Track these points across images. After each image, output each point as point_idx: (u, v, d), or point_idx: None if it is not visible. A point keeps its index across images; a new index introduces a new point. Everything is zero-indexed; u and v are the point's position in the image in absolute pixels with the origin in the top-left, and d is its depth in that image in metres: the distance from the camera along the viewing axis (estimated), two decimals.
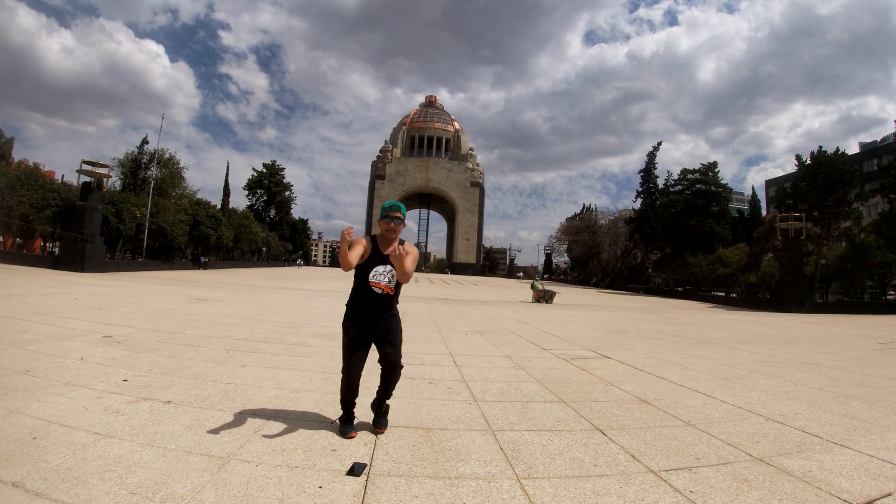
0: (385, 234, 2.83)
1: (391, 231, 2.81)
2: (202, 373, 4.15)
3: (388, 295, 2.82)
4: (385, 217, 2.82)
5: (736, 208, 59.72)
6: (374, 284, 2.78)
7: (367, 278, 2.78)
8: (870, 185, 36.69)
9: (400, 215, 2.82)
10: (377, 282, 2.78)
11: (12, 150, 38.05)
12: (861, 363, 6.81)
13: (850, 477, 2.44)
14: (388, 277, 2.80)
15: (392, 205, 2.84)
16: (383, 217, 2.82)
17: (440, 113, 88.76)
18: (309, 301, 13.88)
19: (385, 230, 2.82)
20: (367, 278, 2.78)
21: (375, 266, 2.79)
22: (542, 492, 2.16)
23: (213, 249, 40.75)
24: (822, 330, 13.30)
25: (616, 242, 59.36)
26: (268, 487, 2.06)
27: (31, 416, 2.78)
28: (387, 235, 2.82)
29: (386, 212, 2.83)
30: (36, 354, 4.41)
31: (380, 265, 2.79)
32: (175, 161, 39.70)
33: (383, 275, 2.79)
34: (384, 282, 2.79)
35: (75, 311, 7.70)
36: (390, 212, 2.81)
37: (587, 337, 8.74)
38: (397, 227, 2.82)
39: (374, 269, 2.78)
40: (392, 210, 2.82)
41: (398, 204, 2.86)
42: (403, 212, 2.85)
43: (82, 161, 23.52)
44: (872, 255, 26.65)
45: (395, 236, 2.82)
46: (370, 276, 2.78)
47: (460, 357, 5.79)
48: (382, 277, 2.79)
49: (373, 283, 2.78)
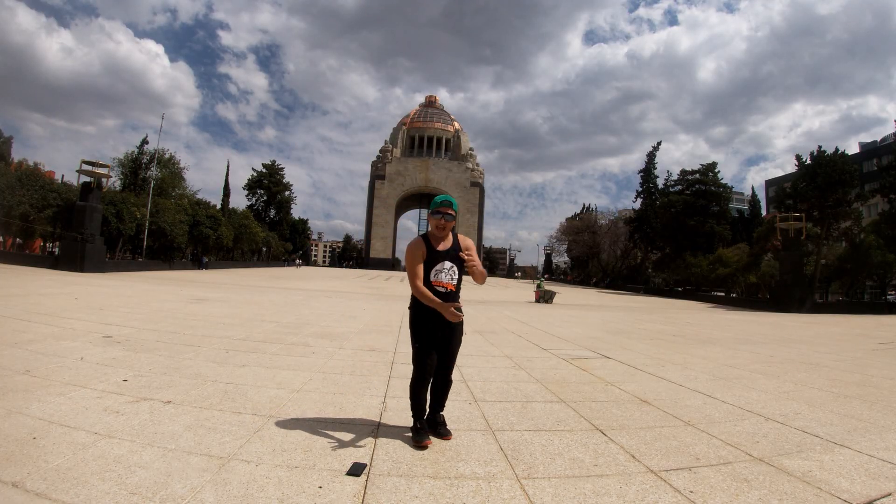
0: (435, 230, 2.74)
1: (442, 227, 2.72)
2: (202, 373, 4.15)
3: (451, 292, 2.74)
4: (436, 213, 2.72)
5: (736, 208, 59.72)
6: (436, 284, 2.72)
7: (428, 279, 2.72)
8: (870, 185, 36.70)
9: (451, 211, 2.72)
10: (439, 280, 2.72)
11: (11, 150, 38.06)
12: (861, 363, 6.81)
13: (850, 477, 2.44)
14: (448, 275, 2.74)
15: (443, 199, 2.73)
16: (434, 213, 2.72)
17: (440, 113, 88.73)
18: (309, 301, 13.88)
19: (435, 226, 2.73)
20: (428, 279, 2.72)
21: (435, 265, 2.72)
22: (542, 492, 2.16)
23: (213, 249, 40.75)
24: (822, 330, 13.30)
25: (616, 242, 59.40)
26: (268, 487, 2.06)
27: (31, 416, 2.78)
28: (437, 233, 2.74)
29: (437, 207, 2.72)
30: (36, 354, 4.41)
31: (438, 263, 2.73)
32: (175, 161, 39.76)
33: (444, 272, 2.73)
34: (446, 280, 2.73)
35: (75, 311, 7.70)
36: (441, 207, 2.71)
37: (587, 337, 8.74)
38: (448, 222, 2.72)
39: (433, 269, 2.72)
40: (443, 205, 2.71)
41: (450, 199, 2.75)
42: (455, 206, 2.75)
43: (82, 161, 23.56)
44: (872, 255, 26.66)
45: (446, 233, 2.75)
46: (431, 276, 2.72)
47: (460, 357, 5.75)
48: (444, 276, 2.73)
49: (435, 282, 2.72)
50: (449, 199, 2.74)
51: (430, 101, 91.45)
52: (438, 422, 2.90)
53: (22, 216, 24.62)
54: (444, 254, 2.73)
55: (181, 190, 41.01)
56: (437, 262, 2.72)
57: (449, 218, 2.71)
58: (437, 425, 2.88)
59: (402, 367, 4.95)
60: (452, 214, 2.72)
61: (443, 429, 2.88)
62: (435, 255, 2.72)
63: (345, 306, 12.69)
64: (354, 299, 15.95)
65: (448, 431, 2.88)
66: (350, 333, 7.39)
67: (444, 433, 2.85)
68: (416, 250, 2.72)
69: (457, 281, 2.77)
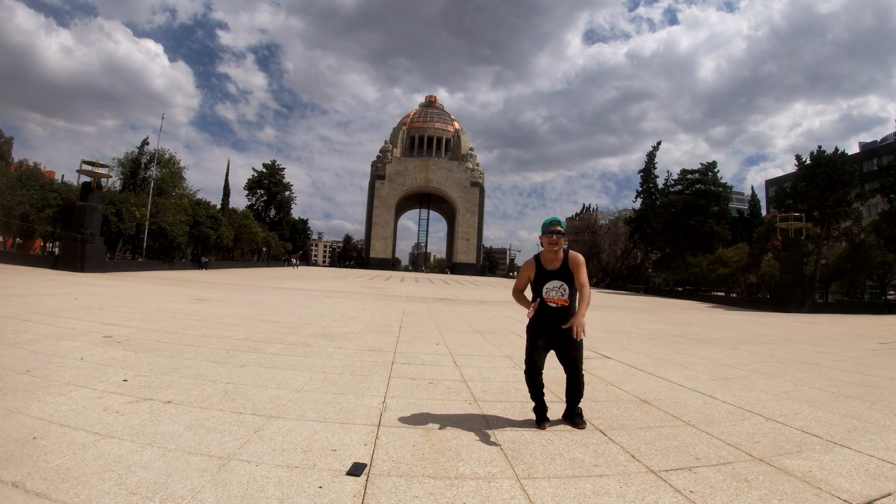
0: (548, 249, 3.06)
1: (554, 244, 3.03)
2: (202, 373, 4.15)
3: (563, 307, 3.04)
4: (547, 232, 3.03)
5: (736, 208, 59.69)
6: (548, 300, 3.04)
7: (541, 296, 3.04)
8: (870, 185, 36.70)
9: (561, 229, 3.05)
10: (551, 297, 3.03)
11: (12, 150, 38.07)
12: (861, 363, 6.81)
13: (850, 477, 2.44)
14: (559, 293, 3.03)
15: (553, 220, 3.06)
16: (545, 233, 3.04)
17: (440, 113, 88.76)
18: (309, 301, 13.88)
19: (548, 245, 3.05)
20: (541, 296, 3.04)
21: (545, 283, 3.03)
22: (542, 492, 2.16)
23: (213, 249, 40.73)
24: (822, 330, 13.30)
25: (616, 242, 59.43)
26: (268, 487, 2.06)
27: (31, 416, 2.78)
28: (550, 250, 3.05)
29: (548, 227, 3.04)
30: (36, 354, 4.41)
31: (549, 282, 3.03)
32: (175, 161, 39.78)
33: (555, 290, 3.03)
34: (556, 296, 3.03)
35: (75, 311, 7.70)
36: (552, 227, 3.03)
37: (587, 337, 8.73)
38: (559, 239, 3.03)
39: (545, 287, 3.03)
40: (553, 224, 3.04)
41: (558, 219, 3.08)
42: (563, 225, 3.09)
43: (82, 161, 23.51)
44: (872, 255, 26.65)
45: (558, 248, 3.05)
46: (544, 294, 3.04)
47: (460, 357, 5.79)
48: (554, 293, 3.03)
49: (547, 299, 3.04)
50: (558, 220, 3.08)
51: (430, 100, 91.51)
52: (577, 412, 3.22)
53: (22, 216, 24.61)
54: (554, 273, 3.04)
55: (181, 190, 41.04)
56: (546, 280, 3.04)
57: (559, 235, 3.03)
58: (575, 415, 3.20)
59: (402, 367, 4.95)
60: (563, 232, 3.06)
61: (578, 419, 3.19)
62: (544, 274, 3.06)
63: (345, 306, 12.69)
64: (354, 299, 15.95)
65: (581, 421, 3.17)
66: (350, 333, 7.39)
67: (579, 423, 3.16)
68: (527, 269, 3.12)
69: (568, 296, 3.04)
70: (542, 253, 3.11)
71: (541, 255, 3.12)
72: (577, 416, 3.19)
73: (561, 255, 3.06)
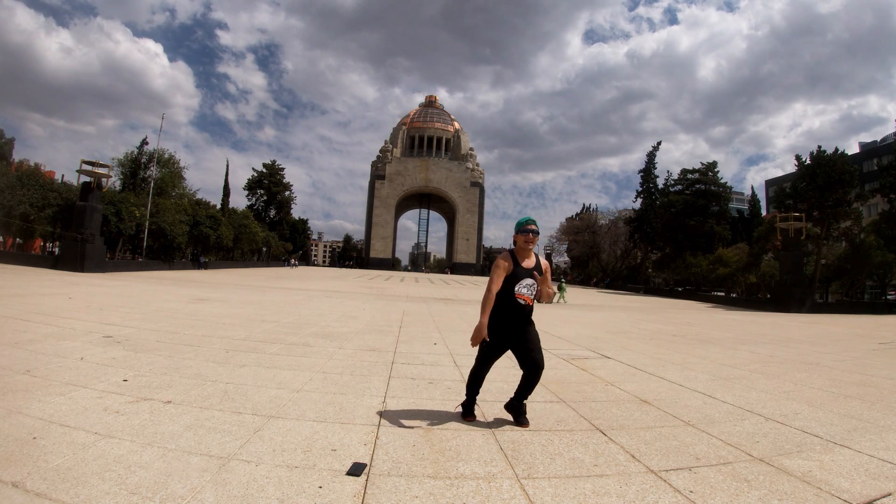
0: (523, 246, 3.09)
1: (529, 242, 3.08)
2: (202, 373, 4.15)
3: (530, 306, 3.08)
4: (523, 231, 3.08)
5: (736, 208, 59.72)
6: (518, 297, 3.02)
7: (512, 292, 3.01)
8: (870, 185, 36.69)
9: (535, 227, 3.11)
10: (521, 294, 3.03)
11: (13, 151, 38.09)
12: (861, 363, 6.81)
13: (850, 477, 2.44)
14: (530, 290, 3.07)
15: (528, 220, 3.12)
16: (521, 231, 3.08)
17: (440, 113, 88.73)
18: (309, 301, 13.88)
19: (523, 243, 3.08)
20: (512, 292, 3.01)
21: (520, 280, 3.02)
22: (542, 492, 2.16)
23: (213, 249, 40.74)
24: (822, 330, 13.30)
25: (616, 242, 59.42)
26: (268, 487, 2.06)
27: (31, 416, 2.78)
28: (525, 247, 3.09)
29: (523, 226, 3.09)
30: (36, 354, 4.41)
31: (524, 279, 3.03)
32: (175, 161, 39.77)
33: (527, 288, 3.05)
34: (528, 294, 3.05)
35: (75, 311, 7.70)
36: (527, 225, 3.08)
37: (587, 337, 8.74)
38: (534, 238, 3.10)
39: (519, 283, 3.02)
40: (529, 224, 3.09)
41: (532, 219, 3.14)
42: (537, 224, 3.16)
43: (82, 161, 23.51)
44: (872, 255, 26.65)
45: (532, 247, 3.12)
46: (516, 289, 3.02)
47: (460, 357, 5.79)
48: (526, 290, 3.05)
49: (518, 295, 3.02)
50: (532, 220, 3.13)
51: (429, 100, 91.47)
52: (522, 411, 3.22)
53: (22, 216, 24.62)
54: (528, 271, 3.05)
55: (181, 190, 41.04)
56: (522, 277, 3.03)
57: (535, 234, 3.09)
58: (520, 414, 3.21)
59: (402, 367, 4.95)
60: (537, 231, 3.12)
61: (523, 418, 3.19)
62: (520, 271, 3.04)
63: (345, 306, 12.68)
64: (354, 299, 15.94)
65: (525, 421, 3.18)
66: (350, 333, 7.39)
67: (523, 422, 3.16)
68: (503, 262, 3.05)
69: (534, 296, 3.10)
70: (517, 250, 3.12)
71: (516, 253, 3.12)
72: (522, 415, 3.18)
73: (534, 256, 3.12)
